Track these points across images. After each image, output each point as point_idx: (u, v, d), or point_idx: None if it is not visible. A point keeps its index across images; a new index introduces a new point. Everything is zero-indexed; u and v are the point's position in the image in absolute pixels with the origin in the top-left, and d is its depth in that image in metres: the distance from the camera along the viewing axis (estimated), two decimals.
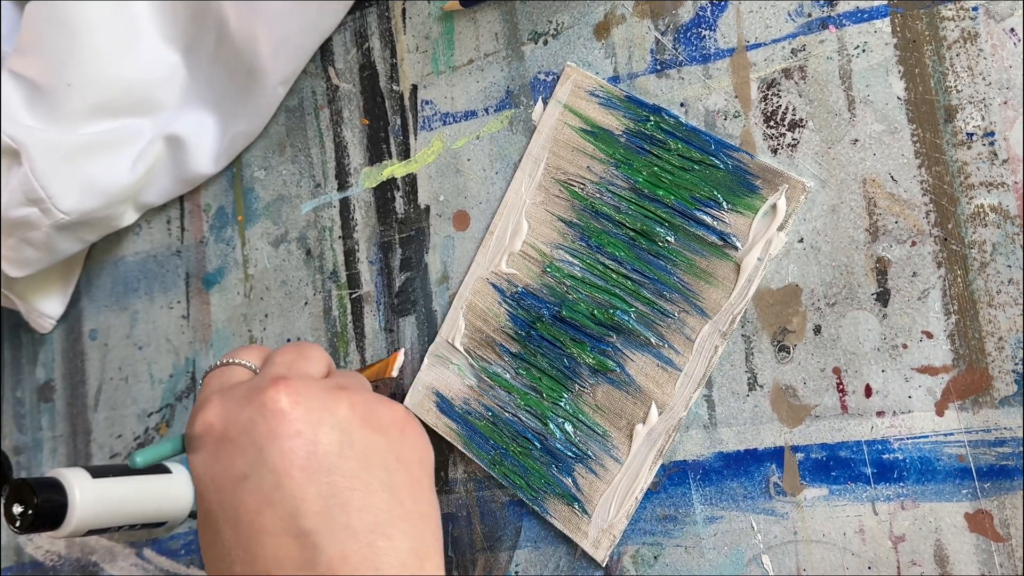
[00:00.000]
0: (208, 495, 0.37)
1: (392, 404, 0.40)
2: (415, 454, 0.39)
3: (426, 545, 0.37)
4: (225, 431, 0.37)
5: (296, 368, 0.39)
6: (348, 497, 0.35)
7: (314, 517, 0.35)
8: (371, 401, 0.39)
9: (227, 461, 0.36)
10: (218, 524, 0.36)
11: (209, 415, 0.37)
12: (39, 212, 0.57)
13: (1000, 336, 0.41)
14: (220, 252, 0.61)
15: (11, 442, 0.68)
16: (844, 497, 0.43)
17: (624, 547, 0.48)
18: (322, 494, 0.35)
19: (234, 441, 0.36)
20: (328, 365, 0.42)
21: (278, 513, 0.35)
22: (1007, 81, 0.42)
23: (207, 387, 0.40)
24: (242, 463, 0.36)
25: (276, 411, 0.36)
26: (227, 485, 0.36)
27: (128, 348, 0.64)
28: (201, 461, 0.37)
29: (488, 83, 0.53)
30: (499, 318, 0.51)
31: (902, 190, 0.43)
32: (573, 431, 0.49)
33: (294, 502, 0.35)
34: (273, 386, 0.37)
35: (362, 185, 0.57)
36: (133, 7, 0.59)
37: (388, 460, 0.37)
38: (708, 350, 0.46)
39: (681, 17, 0.48)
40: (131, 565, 0.62)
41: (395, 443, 0.38)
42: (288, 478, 0.35)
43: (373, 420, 0.38)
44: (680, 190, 0.47)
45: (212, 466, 0.37)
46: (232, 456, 0.36)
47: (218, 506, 0.36)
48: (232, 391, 0.38)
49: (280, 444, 0.35)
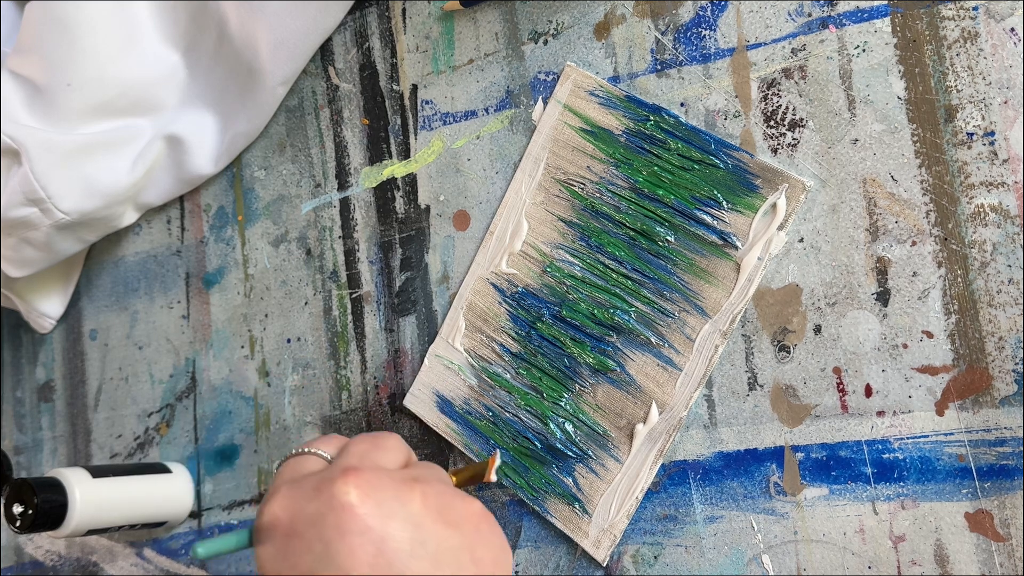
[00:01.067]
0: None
1: (469, 498, 0.38)
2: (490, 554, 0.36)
3: None
4: (292, 525, 0.35)
5: (370, 459, 0.37)
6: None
7: None
8: (446, 494, 0.36)
9: (294, 558, 0.35)
10: None
11: (276, 507, 0.36)
12: (39, 212, 0.57)
13: (1000, 336, 0.41)
14: (220, 252, 0.61)
15: (11, 442, 0.68)
16: (844, 497, 0.43)
17: (624, 547, 0.48)
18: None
19: (301, 536, 0.34)
20: (406, 456, 0.40)
21: None
22: (1007, 81, 0.42)
23: (279, 477, 0.38)
24: (309, 560, 0.34)
25: (344, 504, 0.34)
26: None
27: (128, 348, 0.64)
28: (268, 555, 0.36)
29: (488, 83, 0.53)
30: (499, 318, 0.51)
31: (902, 190, 0.43)
32: (573, 431, 0.49)
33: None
34: (343, 477, 0.35)
35: (362, 185, 0.57)
36: (133, 7, 0.59)
37: (462, 559, 0.35)
38: (708, 350, 0.46)
39: (681, 17, 0.48)
40: (131, 565, 0.62)
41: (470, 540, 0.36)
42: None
43: (448, 514, 0.36)
44: (680, 190, 0.47)
45: (279, 562, 0.35)
46: (299, 552, 0.34)
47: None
48: (302, 482, 0.36)
49: (348, 541, 0.33)
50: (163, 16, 0.60)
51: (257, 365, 0.59)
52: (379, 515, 0.34)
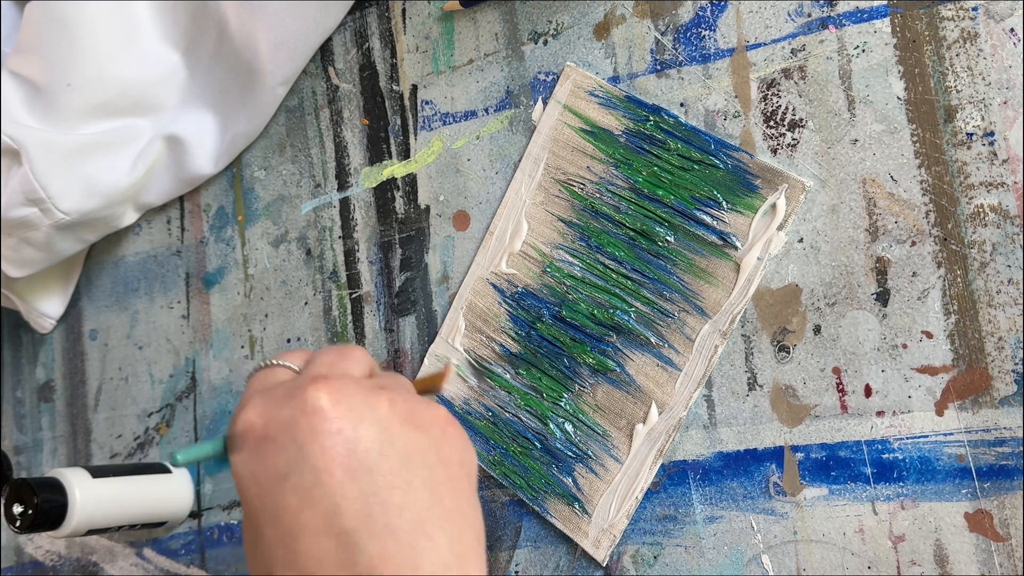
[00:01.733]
0: (250, 494, 0.37)
1: (433, 404, 0.39)
2: (456, 454, 0.38)
3: (467, 545, 0.36)
4: (266, 429, 0.37)
5: (337, 368, 0.39)
6: (388, 496, 0.35)
7: (354, 516, 0.34)
8: (412, 400, 0.39)
9: (268, 459, 0.36)
10: (259, 523, 0.36)
11: (250, 414, 0.37)
12: (39, 212, 0.57)
13: (1000, 336, 0.41)
14: (220, 252, 0.61)
15: (11, 442, 0.68)
16: (844, 497, 0.43)
17: (624, 547, 0.48)
18: (362, 492, 0.35)
19: (275, 439, 0.36)
20: (370, 367, 0.42)
21: (318, 511, 0.35)
22: (1007, 81, 0.42)
23: (250, 388, 0.40)
24: (283, 461, 0.36)
25: (316, 409, 0.35)
26: (268, 484, 0.36)
27: (128, 348, 0.64)
28: (242, 460, 0.37)
29: (488, 83, 0.53)
30: (499, 318, 0.51)
31: (902, 190, 0.43)
32: (573, 431, 0.49)
33: (334, 500, 0.34)
34: (313, 384, 0.36)
35: (362, 185, 0.57)
36: (133, 7, 0.59)
37: (429, 458, 0.37)
38: (708, 350, 0.46)
39: (681, 17, 0.48)
40: (131, 565, 0.62)
41: (436, 442, 0.37)
42: (328, 476, 0.35)
43: (414, 418, 0.38)
44: (680, 190, 0.47)
45: (253, 465, 0.36)
46: (273, 454, 0.36)
47: (259, 505, 0.36)
48: (273, 391, 0.38)
49: (320, 441, 0.35)
50: (163, 16, 0.60)
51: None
52: (350, 418, 0.36)
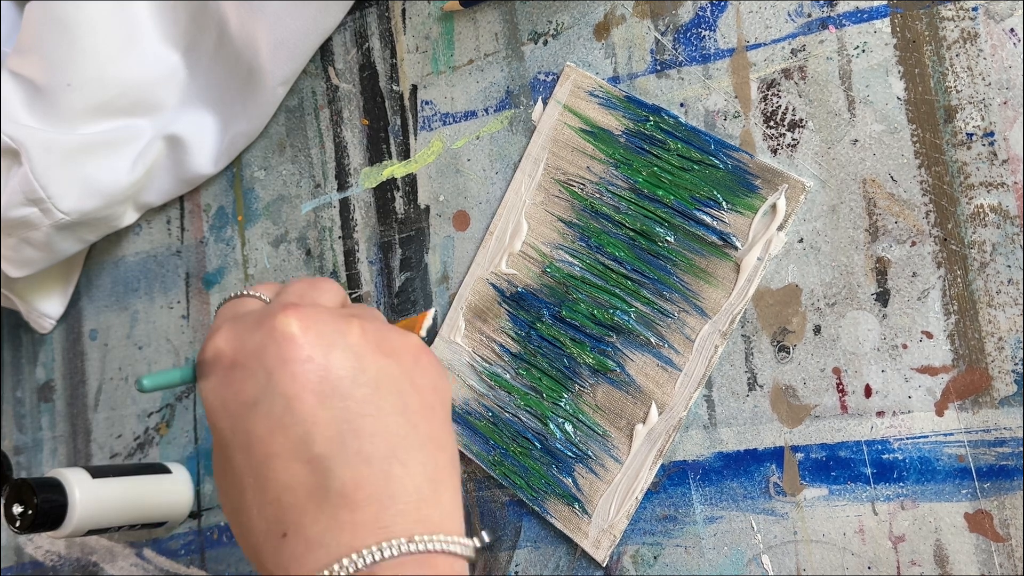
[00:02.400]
0: (219, 422, 0.36)
1: (405, 332, 0.39)
2: (429, 381, 0.37)
3: (441, 471, 0.35)
4: (235, 357, 0.36)
5: (309, 297, 0.39)
6: (360, 423, 0.34)
7: (326, 442, 0.34)
8: (383, 328, 0.38)
9: (237, 386, 0.35)
10: (230, 451, 0.35)
11: (219, 341, 0.37)
12: (39, 212, 0.57)
13: (1000, 336, 0.41)
14: (220, 252, 0.61)
15: (11, 442, 0.68)
16: (844, 497, 0.43)
17: (624, 547, 0.48)
18: (334, 419, 0.34)
19: (244, 366, 0.35)
20: (342, 299, 0.41)
21: (289, 438, 0.34)
22: (1007, 81, 0.42)
23: (219, 317, 0.39)
24: (252, 388, 0.35)
25: (286, 335, 0.35)
26: (238, 410, 0.35)
27: (128, 348, 0.64)
28: (211, 387, 0.36)
29: (488, 83, 0.53)
30: (499, 318, 0.51)
31: (902, 190, 0.43)
32: (573, 431, 0.49)
33: (305, 427, 0.34)
34: (283, 311, 0.36)
35: (362, 185, 0.57)
36: (133, 7, 0.59)
37: (401, 385, 0.36)
38: (708, 350, 0.46)
39: (681, 17, 0.48)
40: (131, 565, 0.62)
41: (408, 369, 0.37)
42: (299, 402, 0.34)
43: (386, 346, 0.37)
44: (680, 190, 0.47)
45: (223, 392, 0.36)
46: (242, 381, 0.35)
47: (229, 432, 0.35)
48: (243, 318, 0.37)
49: (291, 368, 0.34)
50: (163, 16, 0.60)
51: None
52: (320, 345, 0.35)
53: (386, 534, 0.33)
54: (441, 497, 0.35)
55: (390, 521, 0.33)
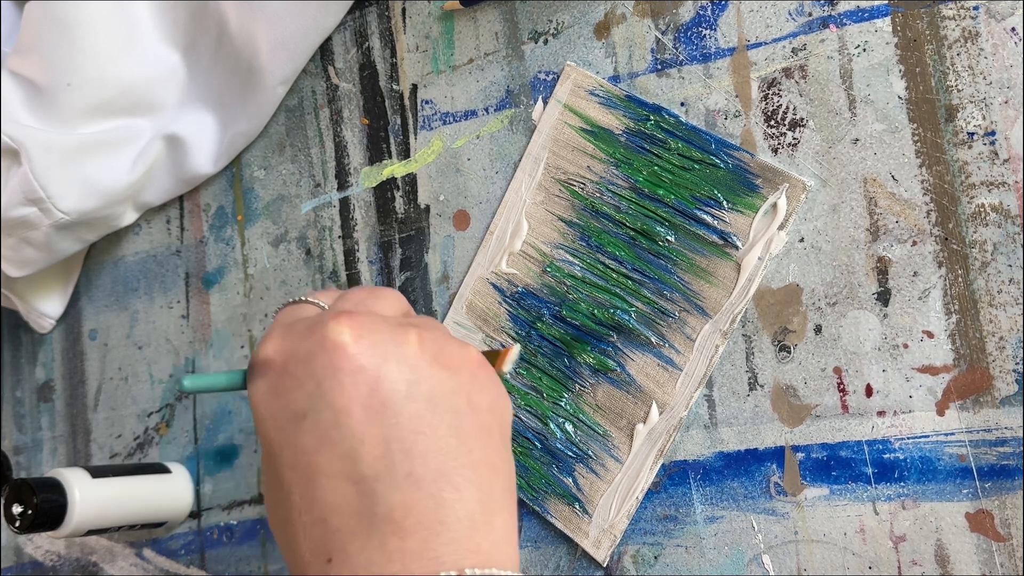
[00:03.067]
0: (267, 433, 0.34)
1: (466, 345, 0.36)
2: (487, 399, 0.35)
3: (495, 497, 0.33)
4: (285, 365, 0.34)
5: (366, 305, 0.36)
6: (412, 441, 0.32)
7: (374, 462, 0.32)
8: (443, 340, 0.35)
9: (286, 396, 0.34)
10: (277, 464, 0.34)
11: (269, 347, 0.35)
12: (39, 212, 0.57)
13: (1001, 336, 0.41)
14: (220, 252, 0.61)
15: (11, 442, 0.68)
16: (845, 497, 0.43)
17: (625, 547, 0.47)
18: (384, 436, 0.32)
19: (293, 374, 0.34)
20: (404, 309, 0.39)
21: (336, 454, 0.32)
22: (1008, 80, 0.41)
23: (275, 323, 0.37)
24: (301, 398, 0.33)
25: (337, 344, 0.33)
26: (286, 421, 0.34)
27: (128, 348, 0.64)
28: (260, 395, 0.35)
29: (488, 82, 0.53)
30: (499, 318, 0.51)
31: (903, 189, 0.43)
32: (573, 431, 0.49)
33: (353, 443, 0.32)
34: (336, 319, 0.34)
35: (362, 185, 0.57)
36: (133, 7, 0.59)
37: (457, 403, 0.34)
38: (709, 350, 0.46)
39: (681, 16, 0.48)
40: (131, 565, 0.62)
41: (466, 384, 0.35)
42: (348, 416, 0.32)
43: (444, 359, 0.35)
44: (680, 189, 0.47)
45: (271, 401, 0.34)
46: (291, 390, 0.34)
47: (277, 445, 0.34)
48: (296, 325, 0.36)
49: (340, 379, 0.33)
50: (163, 16, 0.60)
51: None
52: (373, 356, 0.33)
53: (435, 566, 0.31)
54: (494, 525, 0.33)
55: (440, 551, 0.31)
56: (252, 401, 0.35)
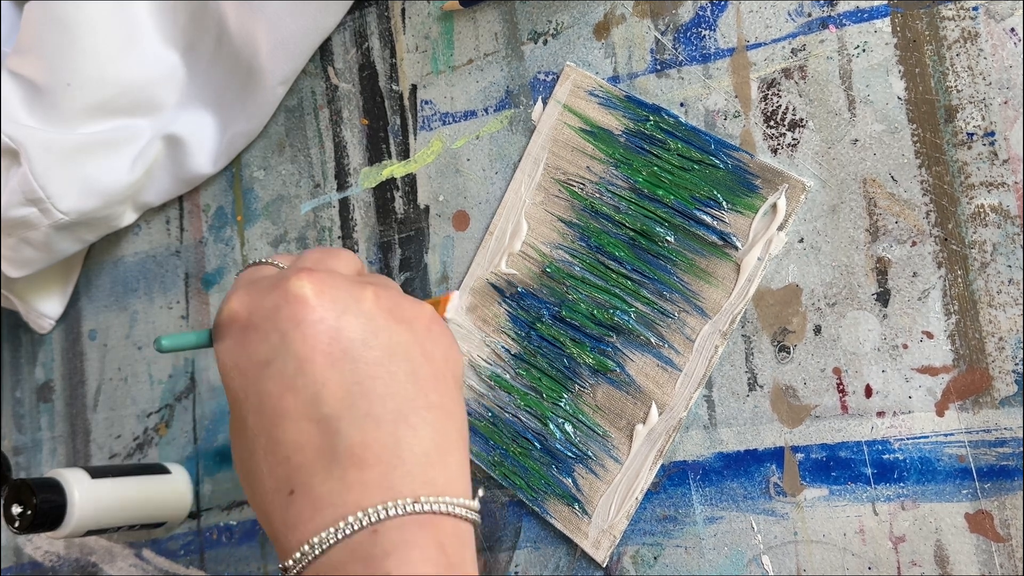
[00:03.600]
0: (233, 383, 0.37)
1: (418, 301, 0.39)
2: (440, 350, 0.38)
3: (449, 439, 0.36)
4: (249, 318, 0.37)
5: (324, 263, 0.39)
6: (371, 385, 0.35)
7: (336, 403, 0.34)
8: (397, 296, 0.38)
9: (251, 347, 0.36)
10: (243, 412, 0.36)
11: (233, 303, 0.37)
12: (38, 212, 0.57)
13: (1000, 336, 0.41)
14: (219, 252, 0.61)
15: (11, 442, 0.68)
16: (844, 497, 0.43)
17: (624, 547, 0.47)
18: (344, 381, 0.35)
19: (258, 327, 0.36)
20: (359, 268, 0.41)
21: (300, 398, 0.35)
22: (1007, 81, 0.41)
23: (237, 282, 0.40)
24: (265, 349, 0.36)
25: (300, 297, 0.36)
26: (251, 371, 0.36)
27: (127, 348, 0.64)
28: (226, 348, 0.37)
29: (488, 83, 0.53)
30: (499, 318, 0.51)
31: (902, 190, 0.43)
32: (573, 431, 0.49)
33: (316, 387, 0.34)
34: (297, 275, 0.36)
35: (361, 185, 0.57)
36: (133, 7, 0.59)
37: (412, 352, 0.37)
38: (708, 350, 0.46)
39: (681, 17, 0.48)
40: (130, 565, 0.62)
41: (420, 336, 0.37)
42: (310, 363, 0.35)
43: (398, 313, 0.37)
44: (680, 190, 0.47)
45: (237, 353, 0.37)
46: (256, 342, 0.36)
47: (243, 393, 0.36)
48: (259, 282, 0.38)
49: (303, 330, 0.35)
50: (163, 16, 0.60)
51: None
52: (333, 308, 0.36)
53: (392, 494, 0.33)
54: (448, 462, 0.35)
55: (397, 482, 0.34)
56: (218, 354, 0.38)
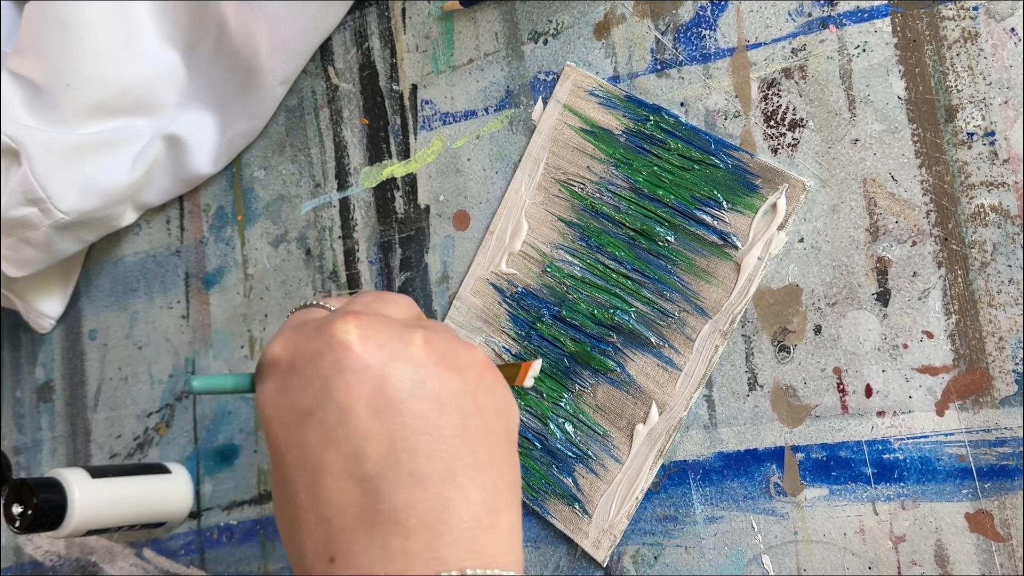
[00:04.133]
0: (274, 431, 0.34)
1: (473, 347, 0.36)
2: (493, 402, 0.35)
3: (500, 498, 0.33)
4: (292, 363, 0.34)
5: (374, 308, 0.37)
6: (417, 441, 0.32)
7: (379, 460, 0.32)
8: (450, 341, 0.36)
9: (293, 395, 0.34)
10: (284, 463, 0.34)
11: (277, 347, 0.35)
12: (38, 212, 0.57)
13: (1001, 336, 0.41)
14: (220, 252, 0.61)
15: (11, 442, 0.68)
16: (844, 497, 0.43)
17: (624, 547, 0.47)
18: (389, 435, 0.32)
19: (300, 373, 0.34)
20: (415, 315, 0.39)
21: (341, 452, 0.32)
22: (1007, 81, 0.41)
23: (285, 325, 0.38)
24: (307, 397, 0.33)
25: (343, 343, 0.33)
26: (292, 420, 0.34)
27: (128, 348, 0.64)
28: (268, 394, 0.35)
29: (488, 83, 0.53)
30: (499, 318, 0.51)
31: (902, 190, 0.43)
32: (573, 431, 0.49)
33: (358, 441, 0.32)
34: (343, 319, 0.34)
35: (362, 185, 0.57)
36: (133, 7, 0.59)
37: (463, 404, 0.34)
38: (708, 350, 0.46)
39: (681, 17, 0.48)
40: (130, 565, 0.62)
41: (472, 386, 0.35)
42: (353, 415, 0.33)
43: (450, 359, 0.35)
44: (680, 190, 0.47)
45: (278, 400, 0.34)
46: (298, 389, 0.34)
47: (283, 444, 0.34)
48: (304, 325, 0.36)
49: (346, 377, 0.33)
50: (163, 16, 0.60)
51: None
52: (379, 355, 0.33)
53: (437, 566, 0.31)
54: (498, 526, 0.33)
55: (443, 551, 0.31)
56: (259, 400, 0.35)
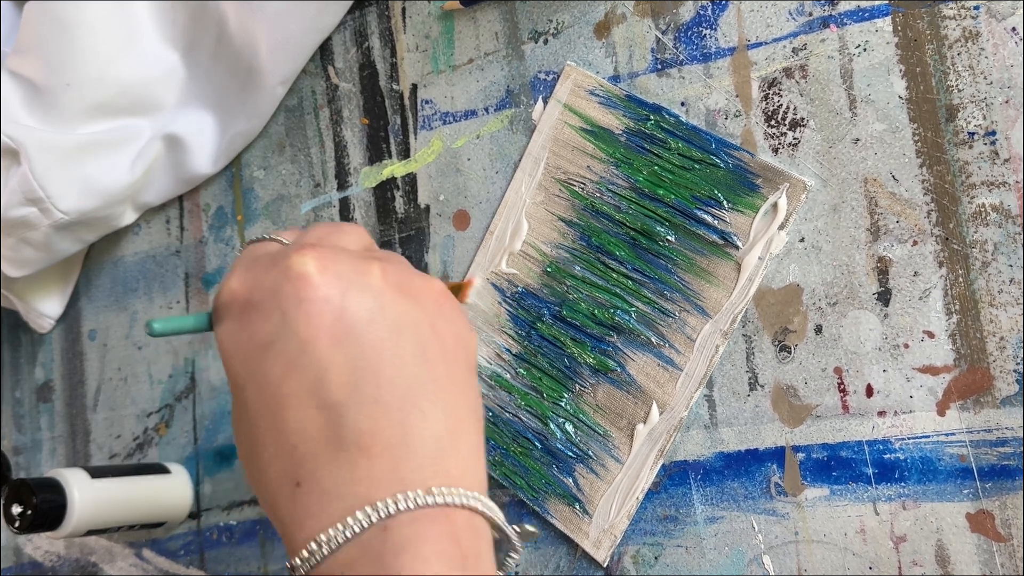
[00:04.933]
0: (234, 366, 0.35)
1: (428, 277, 0.37)
2: (451, 328, 0.36)
3: (461, 420, 0.34)
4: (249, 297, 0.35)
5: (329, 240, 0.37)
6: (377, 367, 0.33)
7: (341, 388, 0.32)
8: (406, 271, 0.36)
9: (252, 328, 0.34)
10: (245, 396, 0.34)
11: (233, 283, 0.35)
12: (38, 212, 0.57)
13: (1002, 336, 0.41)
14: (219, 252, 0.61)
15: (10, 442, 0.68)
16: (845, 497, 0.43)
17: (625, 547, 0.47)
18: (349, 362, 0.33)
19: (259, 307, 0.34)
20: (367, 244, 0.39)
21: (303, 381, 0.33)
22: (1008, 80, 0.41)
23: (238, 260, 0.37)
24: (267, 329, 0.34)
25: (302, 275, 0.33)
26: (252, 352, 0.34)
27: (127, 348, 0.64)
28: (226, 330, 0.35)
29: (488, 82, 0.53)
30: (499, 318, 0.51)
31: (903, 189, 0.43)
32: (574, 431, 0.49)
33: (319, 370, 0.33)
34: (299, 251, 0.34)
35: (362, 185, 0.57)
36: (132, 7, 0.59)
37: (422, 330, 0.34)
38: (709, 350, 0.46)
39: (682, 16, 0.48)
40: (130, 565, 0.62)
41: (430, 313, 0.35)
42: (313, 344, 0.33)
43: (407, 288, 0.35)
44: (681, 189, 0.47)
45: (237, 334, 0.35)
46: (257, 322, 0.34)
47: (244, 376, 0.34)
48: (258, 260, 0.36)
49: (306, 308, 0.33)
50: (163, 16, 0.60)
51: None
52: (337, 285, 0.34)
53: (402, 486, 0.31)
54: (460, 448, 0.33)
55: (407, 473, 0.32)
56: (218, 337, 0.36)
